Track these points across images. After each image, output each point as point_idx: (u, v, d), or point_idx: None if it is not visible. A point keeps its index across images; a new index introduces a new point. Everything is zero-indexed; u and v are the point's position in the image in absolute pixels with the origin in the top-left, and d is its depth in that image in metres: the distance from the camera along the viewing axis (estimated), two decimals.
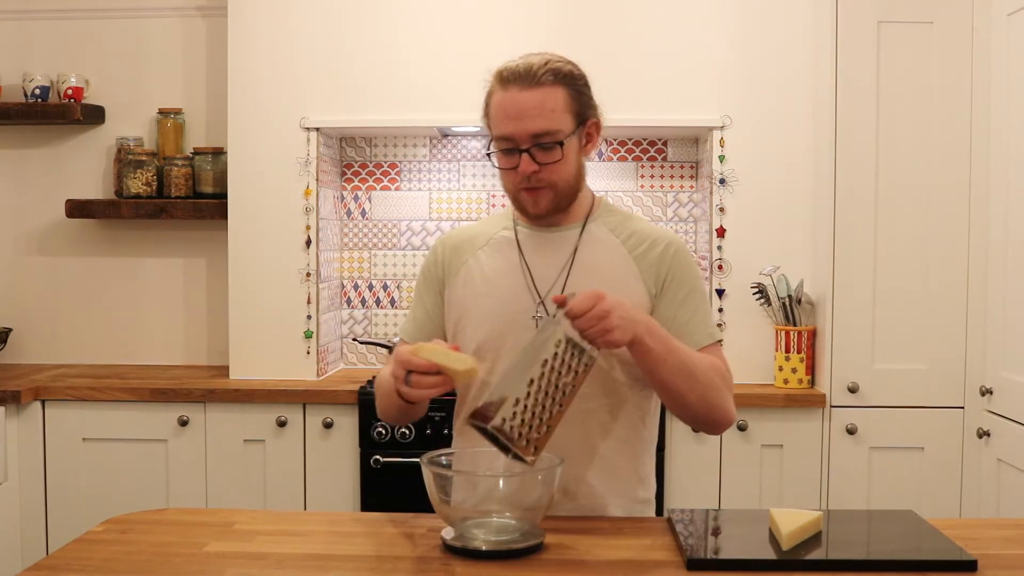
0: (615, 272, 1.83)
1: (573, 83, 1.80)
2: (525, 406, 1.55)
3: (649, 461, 1.97)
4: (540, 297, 1.81)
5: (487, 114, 1.82)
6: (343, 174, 3.66)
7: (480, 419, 1.56)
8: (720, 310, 3.26)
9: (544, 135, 1.75)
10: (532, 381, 1.56)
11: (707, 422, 1.80)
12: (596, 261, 1.84)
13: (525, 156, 1.76)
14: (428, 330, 1.90)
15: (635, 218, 1.93)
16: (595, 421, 1.82)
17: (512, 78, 1.76)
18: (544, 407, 1.58)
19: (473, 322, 1.84)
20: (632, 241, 1.86)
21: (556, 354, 1.58)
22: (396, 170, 3.63)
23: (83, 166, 3.67)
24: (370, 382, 3.20)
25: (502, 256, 1.87)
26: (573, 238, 1.86)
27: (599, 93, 1.76)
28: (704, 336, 1.82)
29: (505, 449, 1.57)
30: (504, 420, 1.53)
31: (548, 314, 1.78)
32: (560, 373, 1.59)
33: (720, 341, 1.86)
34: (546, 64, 1.77)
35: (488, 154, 1.84)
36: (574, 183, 1.83)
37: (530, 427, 1.56)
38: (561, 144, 1.77)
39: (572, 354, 1.60)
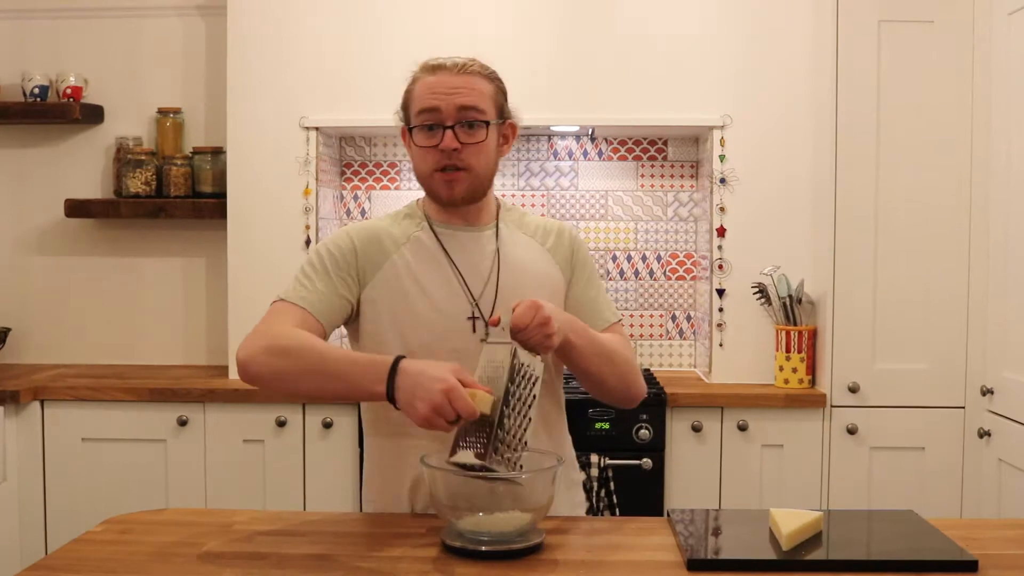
0: (537, 266, 1.89)
1: (496, 82, 1.85)
2: (505, 435, 1.57)
3: (570, 443, 1.99)
4: (474, 298, 1.81)
5: (407, 101, 1.83)
6: (343, 174, 3.65)
7: (458, 452, 1.56)
8: (720, 309, 3.26)
9: (471, 110, 1.78)
10: (506, 407, 1.57)
11: (624, 398, 1.89)
12: (519, 258, 1.88)
13: (448, 132, 1.77)
14: (327, 308, 1.78)
15: (528, 213, 1.99)
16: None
17: (440, 66, 1.80)
18: (518, 426, 1.60)
19: (411, 324, 1.79)
20: (540, 235, 1.93)
21: (514, 372, 1.59)
22: (396, 170, 3.63)
23: (82, 165, 3.67)
24: None
25: (427, 256, 1.84)
26: (491, 237, 1.88)
27: (599, 93, 1.77)
28: (611, 314, 1.93)
29: (488, 475, 1.56)
30: (490, 457, 1.54)
31: (486, 323, 1.76)
32: (521, 390, 1.61)
33: (620, 320, 1.96)
34: (471, 61, 1.82)
35: (409, 128, 1.82)
36: (489, 174, 1.86)
37: (510, 449, 1.58)
38: (487, 125, 1.79)
39: (526, 366, 1.62)
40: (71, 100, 3.51)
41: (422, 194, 1.91)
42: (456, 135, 1.77)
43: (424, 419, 1.52)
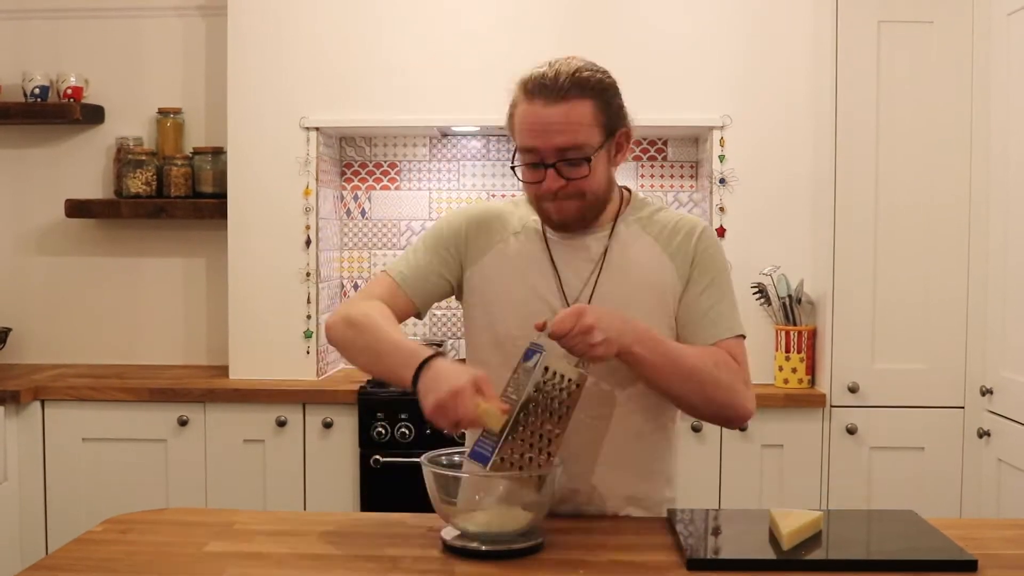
0: (647, 269, 1.79)
1: (602, 94, 1.73)
2: (522, 440, 1.57)
3: (669, 459, 1.88)
4: (567, 301, 1.76)
5: (511, 124, 1.76)
6: (343, 174, 3.65)
7: (478, 458, 1.56)
8: None
9: (570, 150, 1.69)
10: (525, 413, 1.57)
11: (719, 419, 1.79)
12: (627, 261, 1.79)
13: (551, 172, 1.69)
14: (421, 284, 1.82)
15: (665, 209, 1.87)
16: (595, 431, 1.79)
17: (537, 90, 1.69)
18: (542, 436, 1.59)
19: (501, 314, 1.79)
20: (664, 235, 1.82)
21: (544, 380, 1.58)
22: (396, 170, 3.63)
23: (82, 166, 3.67)
24: (370, 381, 3.19)
25: (532, 250, 1.81)
26: (603, 240, 1.81)
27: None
28: (724, 329, 1.77)
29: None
30: (503, 459, 1.54)
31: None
32: (552, 398, 1.59)
33: (742, 336, 1.80)
34: (573, 74, 1.70)
35: (513, 167, 1.76)
36: (603, 195, 1.77)
37: (531, 458, 1.57)
38: (588, 159, 1.70)
39: (561, 376, 1.60)
40: (72, 100, 3.51)
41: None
42: (559, 172, 1.69)
43: (429, 414, 1.55)
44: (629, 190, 1.89)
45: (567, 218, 1.76)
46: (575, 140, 1.68)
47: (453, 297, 1.90)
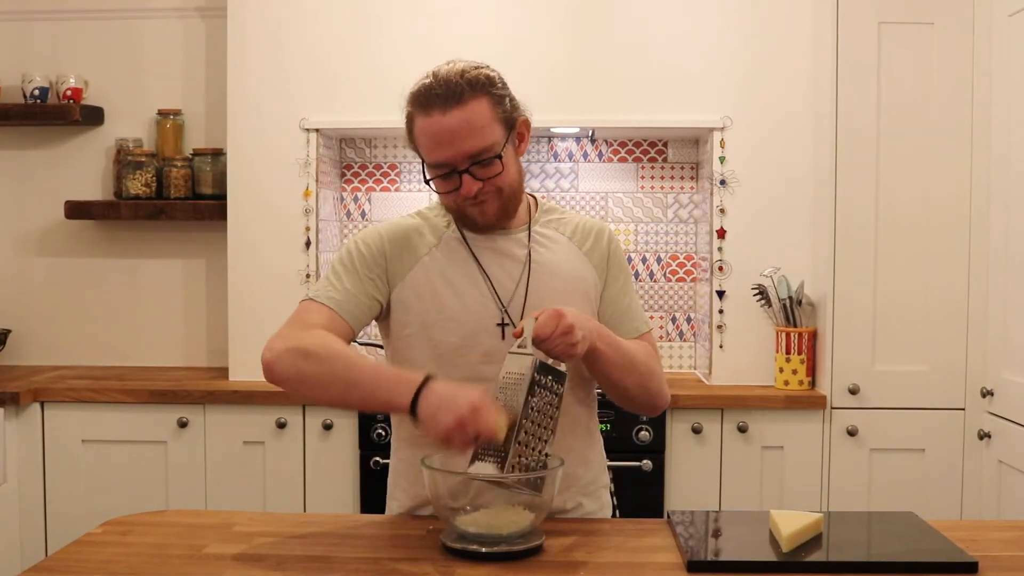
0: (570, 269, 1.85)
1: (492, 88, 1.73)
2: (524, 447, 1.57)
3: (599, 446, 1.99)
4: (503, 303, 1.79)
5: (413, 140, 1.76)
6: (343, 175, 3.65)
7: (479, 469, 1.56)
8: (720, 311, 3.26)
9: (480, 152, 1.70)
10: (525, 420, 1.57)
11: (648, 407, 1.90)
12: (550, 261, 1.84)
13: (466, 177, 1.71)
14: (355, 308, 1.78)
15: (571, 213, 1.95)
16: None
17: (430, 101, 1.69)
18: (537, 439, 1.60)
19: (441, 327, 1.78)
20: (578, 236, 1.89)
21: (534, 385, 1.59)
22: (396, 171, 3.63)
23: (82, 167, 3.67)
24: None
25: (457, 259, 1.82)
26: (523, 241, 1.85)
27: (599, 94, 1.74)
28: (641, 323, 1.90)
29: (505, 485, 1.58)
30: (513, 468, 1.55)
31: (512, 323, 1.77)
32: (542, 403, 1.60)
33: (651, 330, 1.93)
34: (461, 76, 1.70)
35: (427, 181, 1.75)
36: (518, 187, 1.82)
37: (531, 461, 1.59)
38: (500, 157, 1.72)
39: (548, 377, 1.61)
40: (71, 102, 3.51)
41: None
42: (474, 175, 1.72)
43: (446, 431, 1.51)
44: (534, 196, 1.95)
45: (491, 218, 1.79)
46: (483, 142, 1.70)
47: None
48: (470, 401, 1.51)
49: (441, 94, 1.69)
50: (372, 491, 3.06)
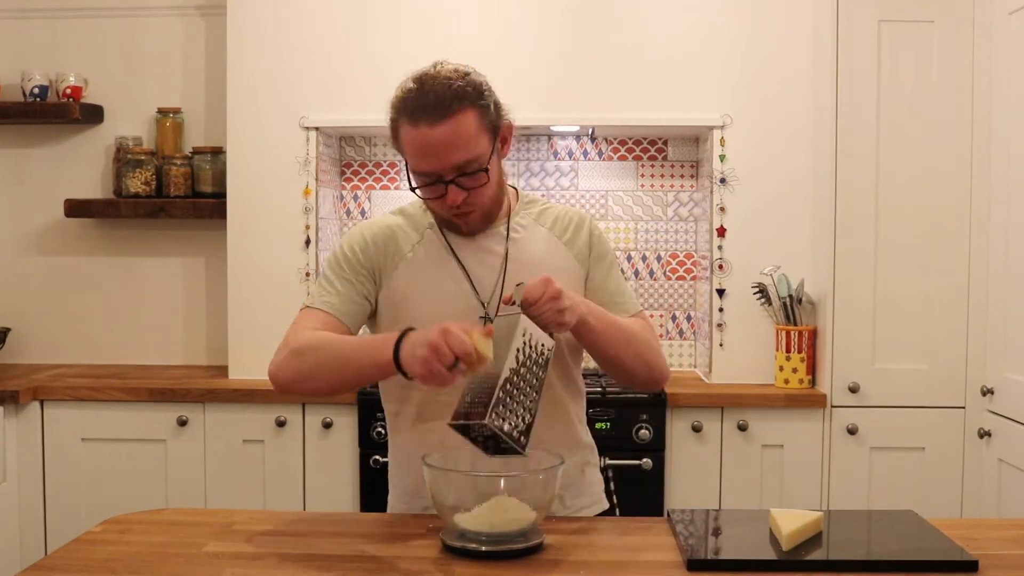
0: (549, 259, 1.87)
1: (479, 98, 1.73)
2: (508, 399, 1.56)
3: (585, 428, 1.99)
4: (481, 301, 1.82)
5: (398, 145, 1.77)
6: (342, 174, 3.65)
7: (464, 418, 1.55)
8: (720, 310, 3.26)
9: (467, 164, 1.72)
10: (511, 374, 1.57)
11: (648, 381, 1.89)
12: (529, 253, 1.87)
13: (451, 187, 1.73)
14: (351, 310, 1.83)
15: (552, 205, 1.97)
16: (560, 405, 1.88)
17: (419, 112, 1.70)
18: (525, 397, 1.60)
19: (423, 321, 1.74)
20: (557, 227, 1.91)
21: (524, 343, 1.60)
22: (396, 169, 3.63)
23: (82, 165, 3.66)
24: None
25: (438, 256, 1.85)
26: (502, 236, 1.88)
27: (599, 93, 1.74)
28: (631, 305, 1.92)
29: (488, 447, 1.57)
30: (495, 416, 1.53)
31: (490, 318, 1.79)
32: (530, 365, 1.61)
33: (642, 311, 1.95)
34: (448, 87, 1.70)
35: (413, 189, 1.77)
36: (500, 193, 1.85)
37: (518, 419, 1.58)
38: (486, 169, 1.74)
39: (535, 345, 1.62)
40: (71, 100, 3.51)
41: None
42: (460, 184, 1.74)
43: (423, 366, 1.51)
44: (515, 188, 1.97)
45: (474, 225, 1.83)
46: (469, 155, 1.72)
47: None
48: (438, 329, 1.52)
49: (429, 106, 1.69)
50: (372, 489, 3.06)
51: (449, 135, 1.69)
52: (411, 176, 1.77)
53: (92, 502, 3.12)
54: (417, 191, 1.78)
